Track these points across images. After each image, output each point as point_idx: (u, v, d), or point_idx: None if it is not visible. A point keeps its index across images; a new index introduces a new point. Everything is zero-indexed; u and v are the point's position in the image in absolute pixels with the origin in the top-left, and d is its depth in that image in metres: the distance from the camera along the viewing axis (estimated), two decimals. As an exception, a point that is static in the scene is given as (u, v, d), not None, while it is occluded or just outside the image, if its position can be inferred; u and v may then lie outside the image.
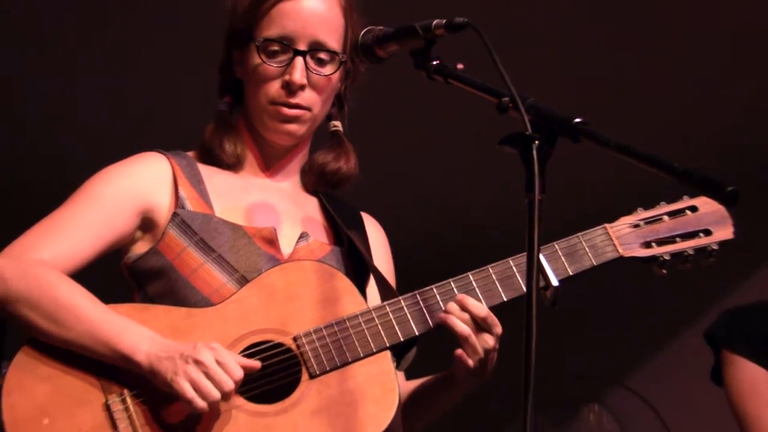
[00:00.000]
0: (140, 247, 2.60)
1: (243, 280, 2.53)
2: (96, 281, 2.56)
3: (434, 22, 2.41)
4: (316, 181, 2.76)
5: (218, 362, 2.36)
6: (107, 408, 2.43)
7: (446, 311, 2.48)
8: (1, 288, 2.46)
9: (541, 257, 2.45)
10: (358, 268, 2.64)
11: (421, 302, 2.51)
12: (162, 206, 2.60)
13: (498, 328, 2.47)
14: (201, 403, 2.34)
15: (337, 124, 2.77)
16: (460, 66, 2.44)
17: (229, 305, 2.51)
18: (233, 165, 2.70)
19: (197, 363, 2.35)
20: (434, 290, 2.52)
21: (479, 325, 2.47)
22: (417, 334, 2.50)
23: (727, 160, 5.41)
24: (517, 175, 2.19)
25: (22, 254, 2.51)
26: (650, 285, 5.89)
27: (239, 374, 2.36)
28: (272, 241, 2.60)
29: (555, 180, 2.28)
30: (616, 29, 5.28)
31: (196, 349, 2.37)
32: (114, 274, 2.68)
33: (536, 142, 2.18)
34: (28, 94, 5.89)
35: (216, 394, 2.34)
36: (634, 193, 2.79)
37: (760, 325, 3.85)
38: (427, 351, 2.62)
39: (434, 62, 2.43)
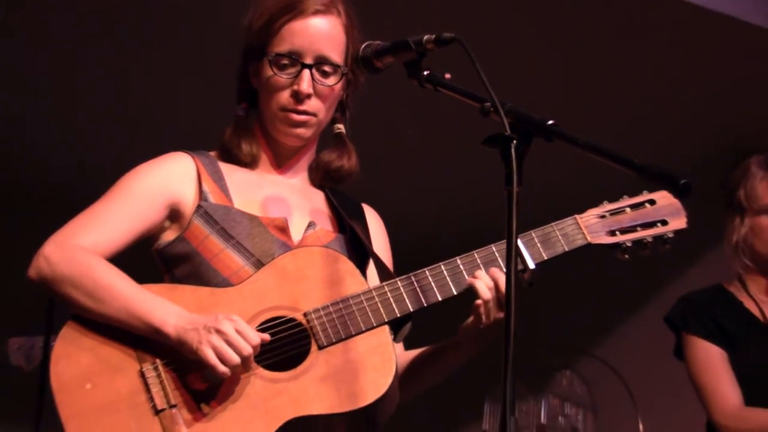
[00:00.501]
0: (168, 235, 2.66)
1: (259, 264, 2.58)
2: (130, 265, 2.58)
3: (425, 37, 2.46)
4: (322, 177, 2.80)
5: (237, 331, 2.42)
6: (142, 375, 2.49)
7: (475, 276, 2.53)
8: (47, 270, 2.54)
9: (520, 243, 2.47)
10: (359, 253, 2.68)
11: (415, 283, 2.55)
12: (188, 199, 2.67)
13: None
14: (223, 368, 2.40)
15: (341, 127, 2.81)
16: (447, 75, 2.49)
17: (247, 285, 2.56)
18: (250, 163, 2.76)
19: (219, 332, 2.41)
20: (426, 272, 2.56)
21: (499, 298, 2.50)
22: (411, 310, 2.53)
23: (682, 154, 5.42)
24: (499, 171, 2.20)
25: (65, 241, 2.58)
26: (617, 265, 5.92)
27: (256, 341, 2.42)
28: (284, 229, 2.65)
29: (533, 176, 2.30)
30: (582, 46, 5.28)
31: (217, 320, 2.43)
32: (145, 259, 2.71)
33: (514, 141, 2.23)
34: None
35: (236, 359, 2.40)
36: (600, 187, 2.80)
37: (709, 308, 3.89)
38: (422, 327, 2.66)
39: (425, 72, 2.49)
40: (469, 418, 6.68)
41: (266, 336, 2.46)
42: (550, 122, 2.27)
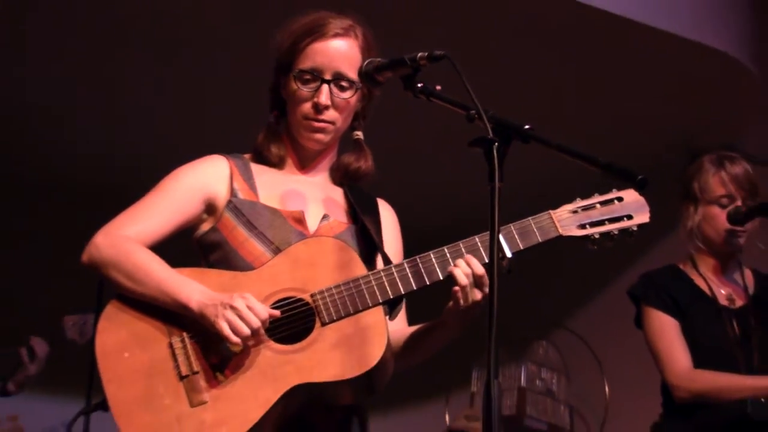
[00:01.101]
0: (205, 226, 2.71)
1: (277, 251, 2.62)
2: (175, 252, 2.67)
3: (418, 55, 2.49)
4: (342, 176, 2.83)
5: (248, 307, 2.46)
6: (170, 346, 2.55)
7: (455, 265, 2.52)
8: (96, 255, 2.62)
9: (500, 234, 2.45)
10: (368, 242, 2.69)
11: (407, 269, 2.58)
12: (221, 195, 2.70)
13: (487, 288, 2.50)
14: (235, 338, 2.45)
15: (359, 134, 2.84)
16: (438, 87, 2.50)
17: (264, 269, 2.59)
18: (277, 164, 2.79)
19: (233, 308, 2.45)
20: (418, 260, 2.59)
21: (475, 281, 2.49)
22: (403, 293, 2.56)
23: (638, 155, 5.43)
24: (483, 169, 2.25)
25: (112, 231, 2.65)
26: (586, 249, 5.93)
27: (264, 315, 2.46)
28: (301, 220, 2.68)
29: (515, 176, 2.33)
30: (551, 64, 5.27)
31: (232, 297, 2.47)
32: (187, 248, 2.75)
33: (496, 143, 2.27)
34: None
35: (246, 331, 2.45)
36: (572, 185, 2.79)
37: (665, 284, 3.90)
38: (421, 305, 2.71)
39: (419, 85, 2.53)
40: (459, 381, 6.67)
41: (275, 312, 2.50)
42: (527, 126, 2.32)
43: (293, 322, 2.54)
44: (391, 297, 2.54)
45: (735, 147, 5.41)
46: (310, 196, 2.76)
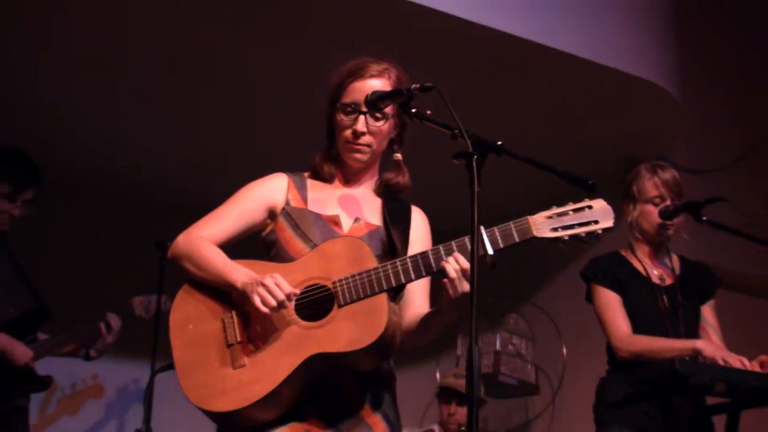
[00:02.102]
0: (267, 228, 2.77)
1: (315, 247, 2.64)
2: (248, 250, 2.73)
3: (412, 86, 2.53)
4: (383, 189, 2.82)
5: (276, 284, 2.50)
6: (222, 321, 2.61)
7: (446, 261, 2.50)
8: (176, 251, 2.72)
9: (485, 236, 2.46)
10: (392, 241, 2.69)
11: (409, 263, 2.55)
12: (279, 204, 2.76)
13: (465, 285, 2.49)
14: (263, 308, 2.49)
15: (399, 156, 2.83)
16: (428, 111, 2.52)
17: (299, 262, 2.63)
18: (329, 179, 2.79)
19: (263, 285, 2.50)
20: (418, 256, 2.56)
21: (462, 274, 2.48)
22: (404, 282, 2.55)
23: (590, 165, 5.43)
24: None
25: (191, 232, 2.75)
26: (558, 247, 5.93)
27: (288, 290, 2.49)
28: (337, 222, 2.70)
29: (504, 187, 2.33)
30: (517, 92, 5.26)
31: (263, 276, 2.52)
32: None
33: (475, 156, 2.31)
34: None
35: (272, 302, 2.49)
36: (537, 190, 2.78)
37: (609, 266, 3.92)
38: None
39: (413, 110, 2.54)
40: (447, 346, 6.66)
41: (296, 290, 2.52)
42: (499, 142, 2.35)
43: (317, 303, 2.55)
44: (394, 285, 2.53)
45: (664, 157, 5.44)
46: (349, 203, 2.78)
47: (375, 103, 2.60)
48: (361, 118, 2.71)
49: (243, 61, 5.01)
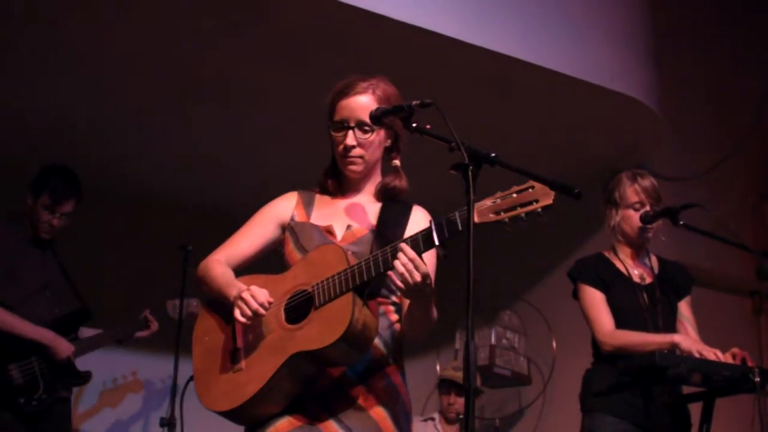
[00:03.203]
0: (280, 243, 2.75)
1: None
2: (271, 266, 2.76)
3: (413, 102, 2.51)
4: (383, 194, 2.79)
5: (251, 295, 2.55)
6: (232, 330, 2.67)
7: (397, 257, 2.40)
8: (197, 274, 2.80)
9: (432, 226, 2.39)
10: (380, 244, 2.61)
11: (370, 261, 2.47)
12: (287, 220, 2.78)
13: (422, 268, 2.39)
14: (241, 318, 2.56)
15: (396, 162, 2.80)
16: (428, 126, 2.52)
17: (290, 271, 2.66)
18: (333, 192, 2.82)
19: (240, 298, 2.56)
20: (379, 254, 2.47)
21: (413, 265, 2.39)
22: (360, 282, 2.47)
23: (574, 174, 5.42)
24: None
25: (210, 256, 2.81)
26: (540, 237, 5.94)
27: (262, 299, 2.54)
28: (331, 231, 2.69)
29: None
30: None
31: (242, 291, 2.57)
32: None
33: (470, 167, 2.32)
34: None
35: (248, 312, 2.54)
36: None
37: (594, 266, 3.92)
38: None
39: (414, 124, 2.53)
40: (446, 341, 6.65)
41: (269, 299, 2.56)
42: (493, 154, 2.34)
43: (301, 307, 2.55)
44: (358, 283, 2.47)
45: (644, 166, 5.45)
46: (354, 212, 2.76)
47: (378, 118, 2.59)
48: (350, 132, 2.70)
49: (259, 73, 5.02)
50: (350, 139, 2.70)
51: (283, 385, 2.52)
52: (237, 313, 2.55)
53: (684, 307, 3.95)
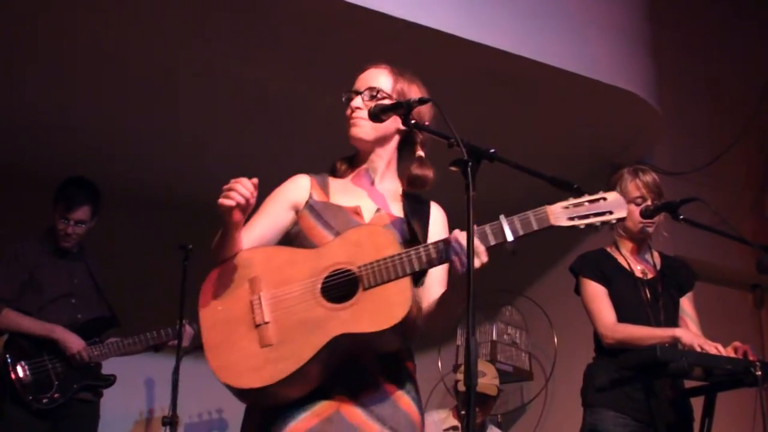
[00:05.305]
0: (293, 225, 2.65)
1: (338, 235, 2.54)
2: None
3: (411, 99, 2.49)
4: (407, 183, 2.73)
5: (234, 181, 2.44)
6: (250, 303, 2.49)
7: (454, 239, 2.39)
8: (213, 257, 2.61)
9: (505, 225, 2.40)
10: (411, 231, 2.60)
11: (422, 250, 2.43)
12: (302, 200, 2.65)
13: (482, 257, 2.39)
14: (227, 202, 2.42)
15: (421, 153, 2.71)
16: (427, 123, 2.52)
17: (324, 248, 2.52)
18: (341, 175, 2.75)
19: (226, 188, 2.44)
20: (430, 245, 2.46)
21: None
22: (417, 269, 2.44)
23: (574, 169, 5.42)
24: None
25: None
26: (541, 239, 5.93)
27: (245, 181, 2.44)
28: (359, 213, 2.61)
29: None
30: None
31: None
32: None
33: (470, 163, 2.28)
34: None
35: (244, 191, 2.43)
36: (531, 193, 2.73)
37: (597, 261, 3.90)
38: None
39: (412, 121, 2.51)
40: (448, 338, 6.65)
41: (254, 180, 2.46)
42: (492, 150, 2.33)
43: (343, 287, 2.45)
44: (417, 269, 2.42)
45: (643, 160, 5.45)
46: (370, 195, 2.68)
47: (378, 114, 2.53)
48: (357, 97, 2.67)
49: (260, 72, 5.02)
50: (356, 101, 2.66)
51: (318, 368, 2.41)
52: (224, 201, 2.42)
53: (686, 304, 3.94)
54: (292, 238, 2.66)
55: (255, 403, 2.51)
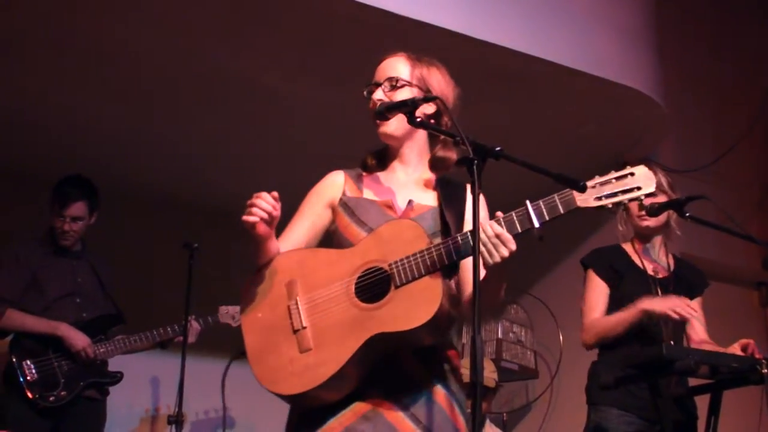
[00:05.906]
0: (332, 223, 2.65)
1: (371, 231, 2.52)
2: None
3: (416, 97, 2.51)
4: (433, 168, 2.67)
5: (255, 196, 2.45)
6: (288, 308, 2.51)
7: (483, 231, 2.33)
8: None
9: (531, 210, 2.33)
10: (444, 221, 2.56)
11: (450, 243, 2.39)
12: (337, 198, 2.64)
13: (510, 245, 2.32)
14: (251, 218, 2.43)
15: (448, 140, 2.64)
16: (432, 120, 2.50)
17: (358, 246, 2.51)
18: (379, 168, 2.71)
19: (247, 206, 2.44)
20: (458, 237, 2.40)
21: (499, 240, 2.33)
22: (446, 263, 2.39)
23: (580, 167, 5.41)
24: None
25: None
26: (547, 230, 5.92)
27: (265, 195, 2.44)
28: (391, 206, 2.60)
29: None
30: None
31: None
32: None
33: (475, 161, 2.26)
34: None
35: (256, 213, 2.43)
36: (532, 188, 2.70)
37: (608, 257, 3.89)
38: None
39: (417, 119, 2.48)
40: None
41: (274, 193, 2.46)
42: (498, 148, 2.31)
43: (376, 286, 2.43)
44: (447, 263, 2.38)
45: (650, 158, 5.43)
46: (402, 187, 2.65)
47: (383, 113, 2.53)
48: (378, 89, 2.63)
49: (266, 73, 5.02)
50: (377, 94, 2.62)
51: (356, 369, 2.40)
52: (247, 219, 2.42)
53: (694, 305, 3.93)
54: (331, 236, 2.66)
55: (297, 406, 2.52)
